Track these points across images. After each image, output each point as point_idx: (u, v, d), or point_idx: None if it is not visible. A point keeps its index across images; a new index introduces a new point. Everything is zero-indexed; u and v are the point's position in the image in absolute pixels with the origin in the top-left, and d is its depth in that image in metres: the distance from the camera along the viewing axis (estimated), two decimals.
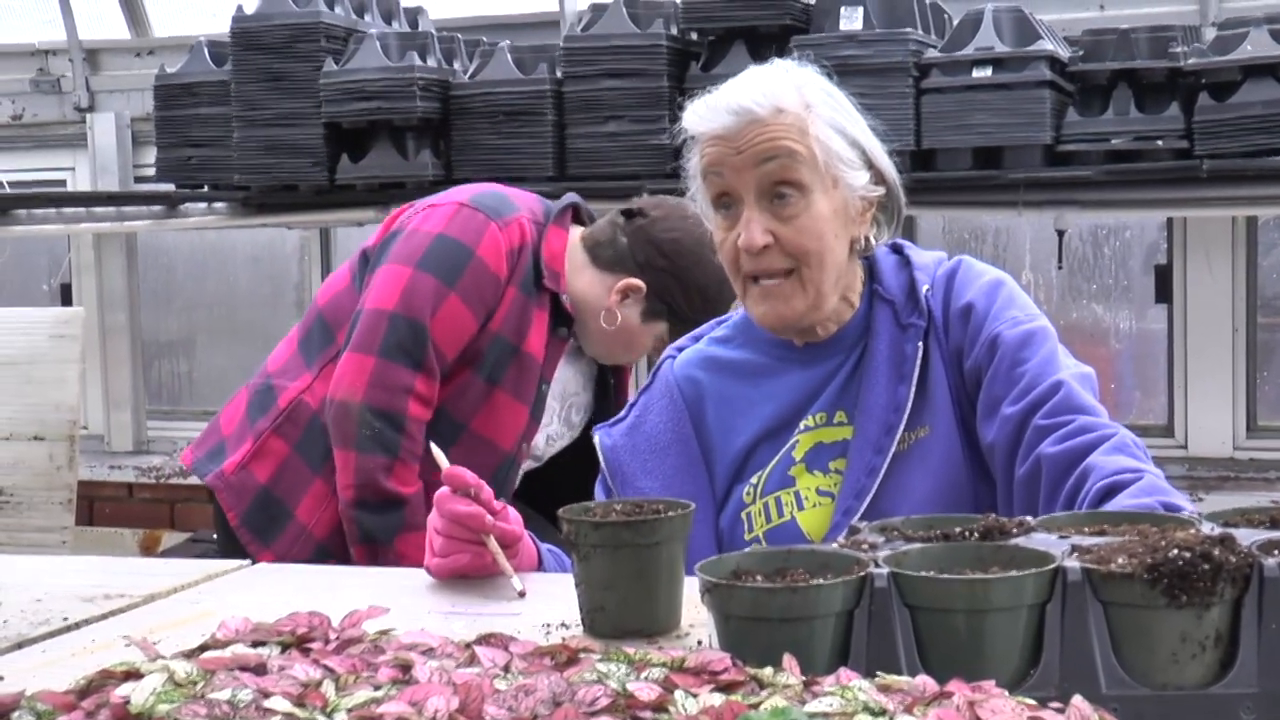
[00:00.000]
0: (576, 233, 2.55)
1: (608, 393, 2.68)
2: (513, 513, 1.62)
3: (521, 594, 1.53)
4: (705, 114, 1.72)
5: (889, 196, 1.79)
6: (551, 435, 2.61)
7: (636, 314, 2.50)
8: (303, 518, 2.46)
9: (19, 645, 1.44)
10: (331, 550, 2.45)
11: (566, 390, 2.60)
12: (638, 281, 2.48)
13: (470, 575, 1.60)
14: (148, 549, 4.64)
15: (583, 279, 2.50)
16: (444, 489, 1.59)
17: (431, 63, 3.94)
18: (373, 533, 2.38)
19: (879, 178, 1.77)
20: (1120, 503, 1.51)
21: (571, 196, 2.59)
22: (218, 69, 4.15)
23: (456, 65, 4.04)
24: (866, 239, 1.78)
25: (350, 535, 2.41)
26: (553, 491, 2.29)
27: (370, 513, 2.38)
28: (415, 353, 2.37)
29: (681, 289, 2.48)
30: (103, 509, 4.72)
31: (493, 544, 1.57)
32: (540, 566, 1.69)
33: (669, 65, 3.69)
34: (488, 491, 1.58)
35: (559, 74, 3.82)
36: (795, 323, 1.77)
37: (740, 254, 1.73)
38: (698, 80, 3.69)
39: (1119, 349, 4.17)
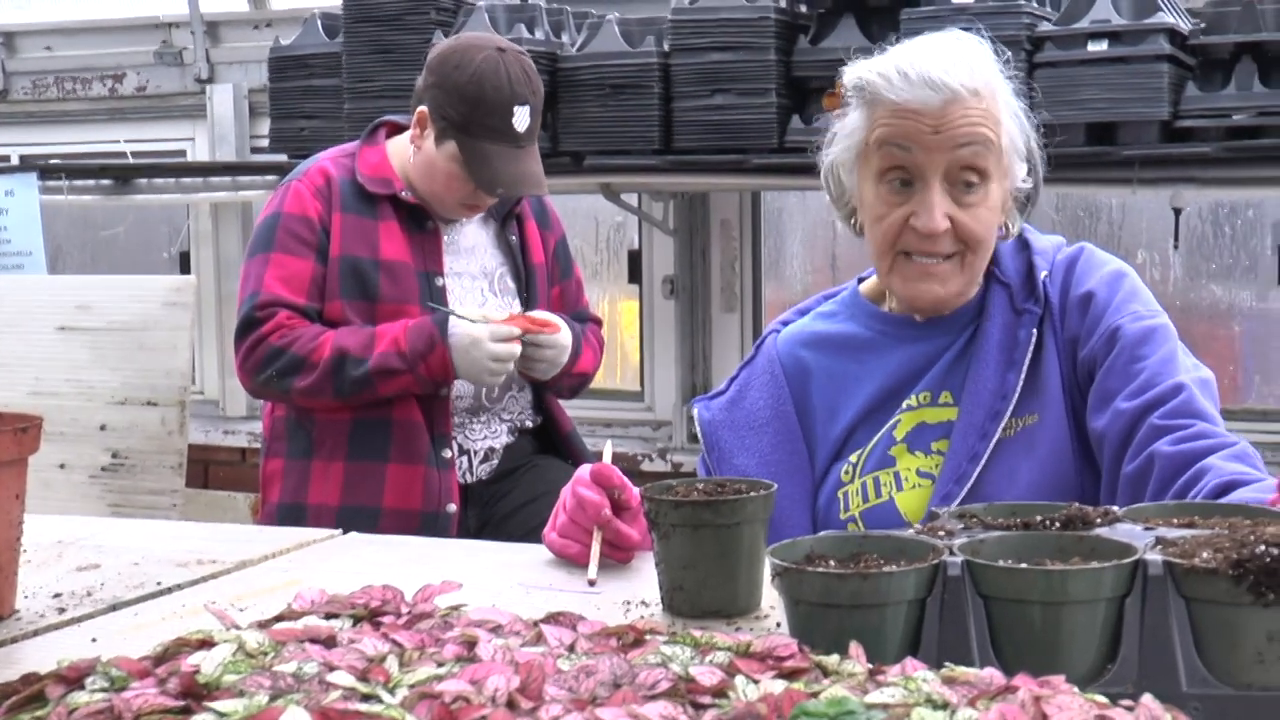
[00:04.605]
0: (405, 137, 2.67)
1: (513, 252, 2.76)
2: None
3: (591, 583, 1.51)
4: (900, 84, 1.61)
5: (1034, 189, 1.75)
6: (499, 308, 2.68)
7: (433, 143, 2.58)
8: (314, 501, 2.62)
9: (113, 607, 1.48)
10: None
11: (487, 267, 2.71)
12: (421, 108, 2.58)
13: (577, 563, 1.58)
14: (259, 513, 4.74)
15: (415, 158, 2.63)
16: (590, 468, 1.58)
17: (539, 35, 3.94)
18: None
19: (1030, 169, 1.72)
20: (1233, 498, 1.44)
21: (382, 118, 2.74)
22: (330, 41, 4.19)
23: (564, 38, 4.03)
24: (1006, 227, 1.75)
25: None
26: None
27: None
28: (253, 324, 2.55)
29: (446, 97, 2.54)
30: (217, 473, 4.83)
31: (598, 536, 1.55)
32: None
33: (777, 39, 3.64)
34: (631, 494, 1.56)
35: (666, 47, 3.80)
36: (946, 304, 1.73)
37: (906, 232, 1.67)
38: (805, 54, 3.65)
39: (1239, 331, 4.04)
